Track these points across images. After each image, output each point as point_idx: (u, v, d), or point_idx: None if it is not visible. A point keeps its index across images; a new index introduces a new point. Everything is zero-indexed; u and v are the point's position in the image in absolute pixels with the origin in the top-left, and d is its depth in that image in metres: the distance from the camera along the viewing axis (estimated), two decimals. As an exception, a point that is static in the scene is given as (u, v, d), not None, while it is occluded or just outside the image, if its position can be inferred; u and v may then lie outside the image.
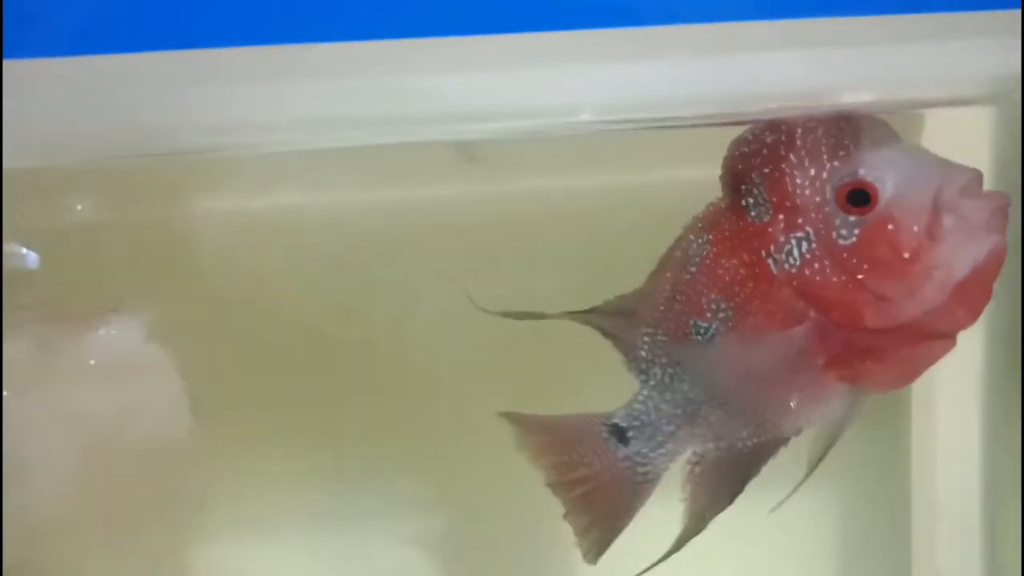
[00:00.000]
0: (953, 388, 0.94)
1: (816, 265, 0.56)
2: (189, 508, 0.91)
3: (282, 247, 0.90)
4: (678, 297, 0.60)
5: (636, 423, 0.63)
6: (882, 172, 0.55)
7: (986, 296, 0.55)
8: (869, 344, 0.57)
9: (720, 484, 0.63)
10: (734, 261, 0.58)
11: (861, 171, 0.55)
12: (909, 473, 0.96)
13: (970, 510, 0.96)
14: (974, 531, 0.96)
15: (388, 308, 0.90)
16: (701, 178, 0.92)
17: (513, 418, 0.66)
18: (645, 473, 0.63)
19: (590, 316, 0.64)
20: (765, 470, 0.64)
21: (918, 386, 0.92)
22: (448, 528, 0.96)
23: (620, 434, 0.64)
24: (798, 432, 0.61)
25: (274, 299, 0.88)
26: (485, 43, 0.54)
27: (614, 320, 0.63)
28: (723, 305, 0.59)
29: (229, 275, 0.89)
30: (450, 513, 0.95)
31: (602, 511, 0.64)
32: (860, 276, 0.55)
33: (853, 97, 0.58)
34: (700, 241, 0.60)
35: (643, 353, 0.62)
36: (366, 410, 0.91)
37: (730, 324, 0.59)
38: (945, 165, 0.55)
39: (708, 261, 0.59)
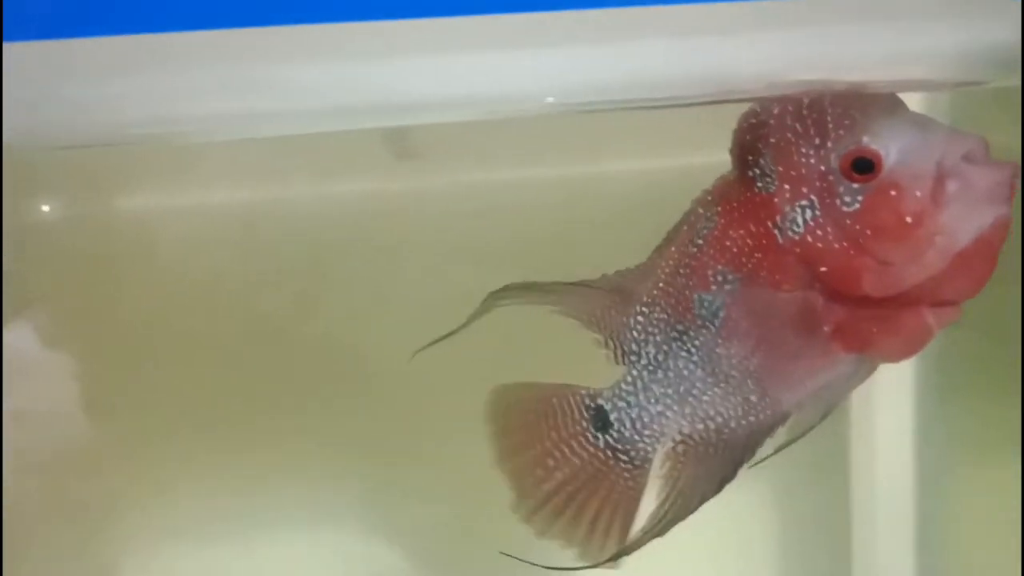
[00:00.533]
0: (888, 383, 0.96)
1: (819, 232, 0.56)
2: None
3: (235, 242, 0.87)
4: (682, 271, 0.59)
5: (622, 404, 0.62)
6: (886, 140, 0.55)
7: (991, 266, 0.55)
8: (875, 312, 0.57)
9: (710, 466, 0.61)
10: (741, 231, 0.58)
11: (865, 139, 0.55)
12: (849, 465, 0.98)
13: (905, 500, 0.98)
14: (908, 520, 0.98)
15: (348, 303, 0.88)
16: (648, 169, 0.93)
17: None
18: (630, 460, 0.62)
19: (565, 303, 0.62)
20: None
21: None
22: (405, 531, 0.94)
23: (602, 419, 0.62)
24: (799, 407, 0.60)
25: (229, 295, 0.86)
26: (432, 26, 0.52)
27: (604, 299, 0.61)
28: (729, 277, 0.58)
29: (175, 272, 0.86)
30: (406, 515, 0.93)
31: (600, 511, 0.61)
32: (862, 241, 0.55)
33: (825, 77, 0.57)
34: (709, 214, 0.59)
35: (635, 332, 0.61)
36: (324, 409, 0.89)
37: (736, 296, 0.58)
38: (950, 132, 0.55)
39: (715, 232, 0.58)
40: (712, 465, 0.61)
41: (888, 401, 0.97)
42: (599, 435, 0.62)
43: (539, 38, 0.53)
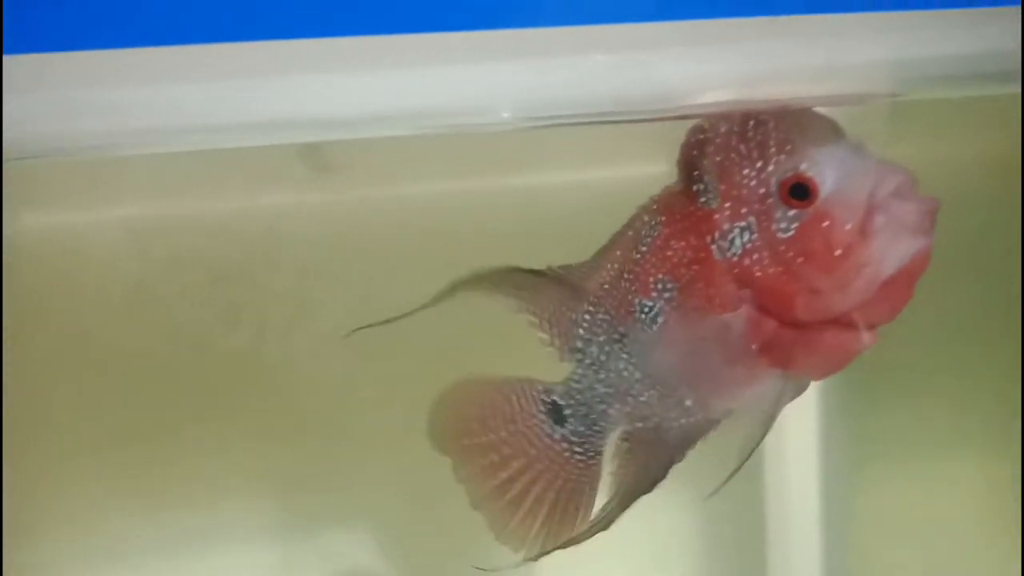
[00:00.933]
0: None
1: (756, 255, 0.58)
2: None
3: (159, 255, 0.87)
4: (626, 275, 0.61)
5: (572, 401, 0.64)
6: (823, 168, 0.57)
7: (908, 295, 0.58)
8: (800, 333, 0.59)
9: (646, 464, 0.63)
10: (682, 243, 0.60)
11: (803, 166, 0.57)
12: (763, 472, 1.01)
13: (811, 501, 1.02)
14: (814, 522, 1.02)
15: (273, 315, 0.88)
16: (583, 181, 0.94)
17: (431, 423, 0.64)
18: (584, 452, 0.64)
19: (519, 293, 0.63)
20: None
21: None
22: (343, 546, 0.94)
23: (557, 413, 0.64)
24: (728, 414, 0.62)
25: (154, 307, 0.85)
26: (362, 45, 0.52)
27: (550, 294, 0.63)
28: (668, 285, 0.60)
29: (100, 284, 0.85)
30: (339, 530, 0.93)
31: (554, 502, 0.63)
32: (795, 268, 0.57)
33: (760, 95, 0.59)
34: (652, 222, 0.61)
35: (581, 331, 0.63)
36: (251, 423, 0.89)
37: (673, 305, 0.60)
38: (882, 166, 0.57)
39: (658, 242, 0.60)
40: (650, 463, 0.63)
41: (795, 410, 1.00)
42: (556, 427, 0.64)
43: (478, 56, 0.53)
